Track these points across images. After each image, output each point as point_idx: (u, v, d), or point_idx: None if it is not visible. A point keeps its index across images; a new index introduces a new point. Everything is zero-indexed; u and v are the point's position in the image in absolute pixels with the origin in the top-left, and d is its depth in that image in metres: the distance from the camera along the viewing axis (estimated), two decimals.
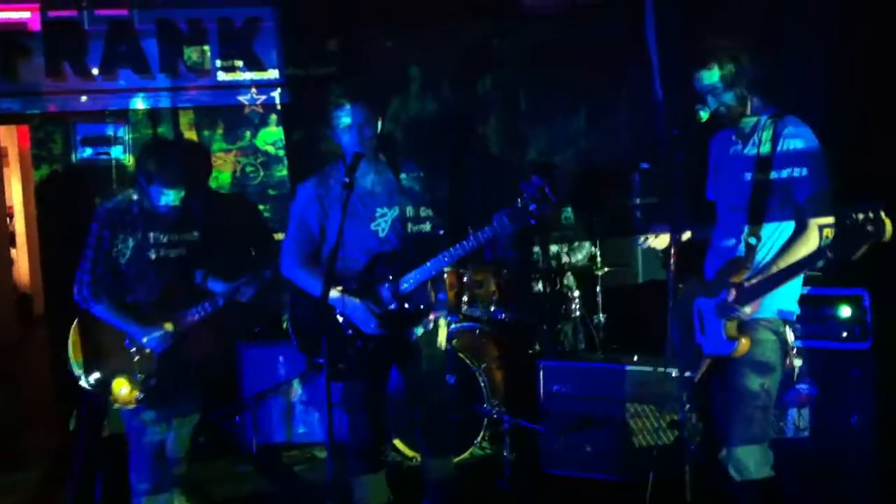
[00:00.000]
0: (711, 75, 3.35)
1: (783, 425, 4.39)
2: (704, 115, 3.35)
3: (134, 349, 4.05)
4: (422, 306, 3.92)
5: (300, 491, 5.12)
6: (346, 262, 3.87)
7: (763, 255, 3.36)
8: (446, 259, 3.77)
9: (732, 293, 3.31)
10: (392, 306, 3.84)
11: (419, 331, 4.01)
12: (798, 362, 3.35)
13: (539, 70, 6.54)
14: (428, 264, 3.79)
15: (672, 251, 3.28)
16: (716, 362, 3.46)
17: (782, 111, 3.41)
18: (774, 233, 3.37)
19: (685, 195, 3.61)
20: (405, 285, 3.82)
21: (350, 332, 3.89)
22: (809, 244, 3.23)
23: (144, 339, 4.03)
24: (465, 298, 5.60)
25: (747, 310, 3.30)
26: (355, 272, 3.91)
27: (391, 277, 3.83)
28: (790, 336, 3.38)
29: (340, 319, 3.89)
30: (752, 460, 3.34)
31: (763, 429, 3.37)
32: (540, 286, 5.49)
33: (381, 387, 4.13)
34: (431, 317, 4.02)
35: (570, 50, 6.38)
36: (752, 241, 3.36)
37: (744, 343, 3.33)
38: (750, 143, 3.43)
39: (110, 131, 6.24)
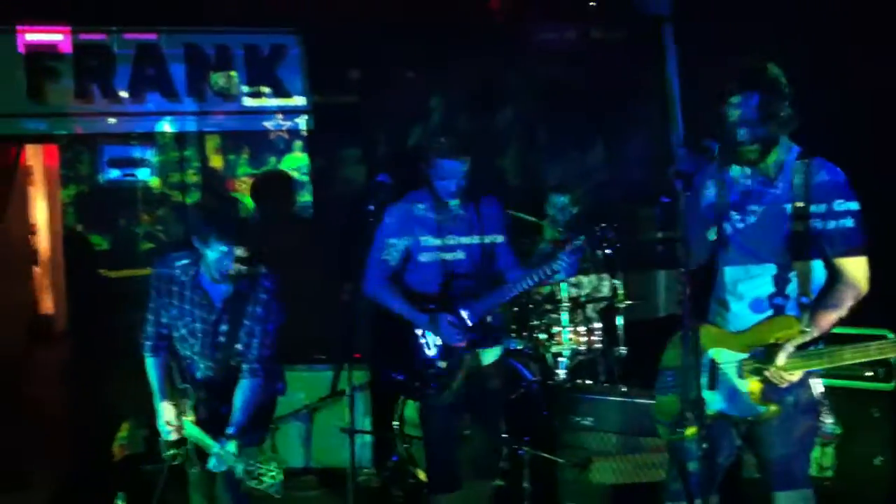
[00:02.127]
0: (750, 102, 3.06)
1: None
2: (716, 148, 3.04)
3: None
4: (495, 332, 4.16)
5: None
6: (424, 285, 4.10)
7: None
8: (516, 288, 4.00)
9: (782, 357, 3.02)
10: (470, 326, 4.04)
11: (488, 358, 4.16)
12: (828, 419, 3.25)
13: (558, 105, 6.59)
14: (501, 290, 4.04)
15: (687, 291, 2.96)
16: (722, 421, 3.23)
17: (807, 152, 3.17)
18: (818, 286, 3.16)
19: (697, 233, 3.31)
20: (480, 309, 4.05)
21: (430, 352, 4.08)
22: (852, 301, 3.08)
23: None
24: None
25: (793, 376, 3.05)
26: (433, 294, 4.10)
27: (469, 300, 4.04)
28: (820, 387, 3.23)
29: (423, 340, 4.09)
30: None
31: (808, 472, 3.27)
32: (564, 317, 5.49)
33: (457, 406, 4.21)
34: (501, 342, 4.23)
35: (588, 85, 6.43)
36: (805, 300, 3.10)
37: (772, 409, 3.10)
38: (777, 186, 3.15)
39: (137, 153, 6.31)
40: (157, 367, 3.81)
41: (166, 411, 3.75)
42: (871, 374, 4.27)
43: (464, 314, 4.06)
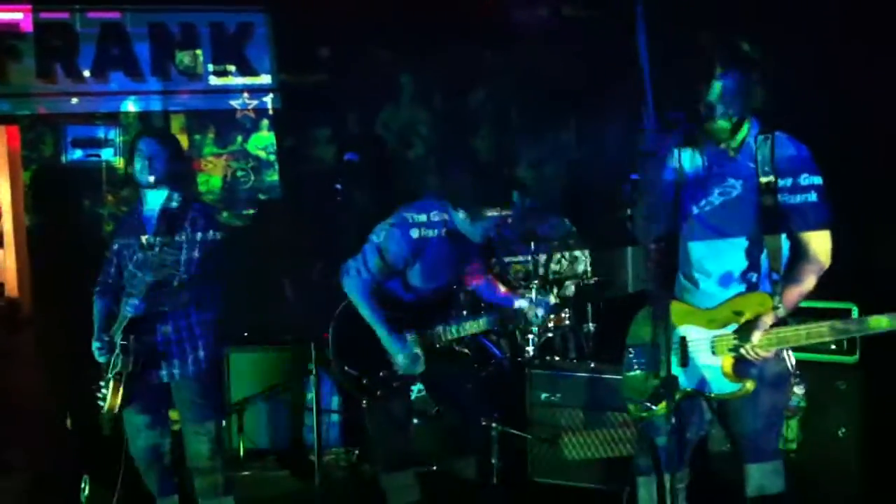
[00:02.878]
0: (726, 81, 3.04)
1: None
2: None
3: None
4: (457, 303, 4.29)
5: (286, 496, 5.09)
6: (417, 295, 4.15)
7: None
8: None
9: (757, 334, 3.02)
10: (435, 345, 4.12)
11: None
12: (799, 390, 3.25)
13: (530, 84, 6.56)
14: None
15: (653, 266, 3.00)
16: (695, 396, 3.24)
17: (769, 127, 3.16)
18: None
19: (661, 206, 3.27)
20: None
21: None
22: (815, 277, 3.08)
23: None
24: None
25: (768, 353, 3.05)
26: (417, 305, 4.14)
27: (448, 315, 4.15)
28: (792, 360, 3.22)
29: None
30: (771, 476, 3.21)
31: (778, 444, 3.26)
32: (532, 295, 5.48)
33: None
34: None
35: (560, 64, 6.40)
36: (776, 276, 3.07)
37: (748, 386, 3.09)
38: (741, 163, 3.15)
39: (101, 134, 6.23)
40: (100, 308, 4.07)
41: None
42: (834, 346, 4.30)
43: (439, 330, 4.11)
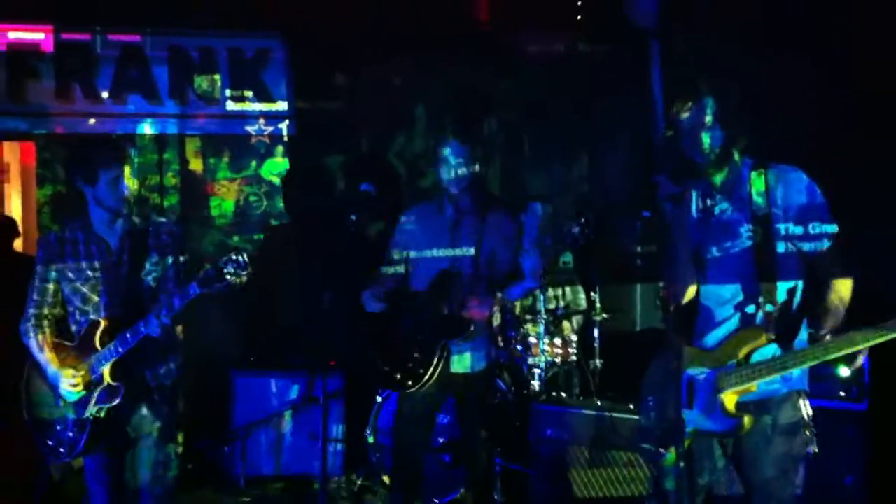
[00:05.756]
0: (703, 109, 3.05)
1: None
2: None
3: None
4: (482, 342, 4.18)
5: None
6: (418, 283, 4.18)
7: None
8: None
9: (749, 369, 2.99)
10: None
11: (473, 365, 4.16)
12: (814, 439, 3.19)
13: (542, 115, 6.59)
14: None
15: (671, 308, 3.06)
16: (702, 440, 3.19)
17: (763, 161, 3.15)
18: (790, 296, 3.11)
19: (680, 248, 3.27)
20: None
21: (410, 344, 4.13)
22: (840, 307, 3.01)
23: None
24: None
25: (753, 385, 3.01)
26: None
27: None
28: (807, 409, 3.17)
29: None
30: None
31: (793, 492, 3.18)
32: (540, 329, 5.48)
33: (428, 414, 4.31)
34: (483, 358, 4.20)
35: (573, 95, 6.43)
36: (770, 308, 3.06)
37: (746, 422, 3.05)
38: (735, 197, 3.13)
39: None
40: (44, 343, 3.68)
41: (66, 377, 3.60)
42: (843, 393, 4.27)
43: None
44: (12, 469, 4.86)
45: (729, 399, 3.07)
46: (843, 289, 3.05)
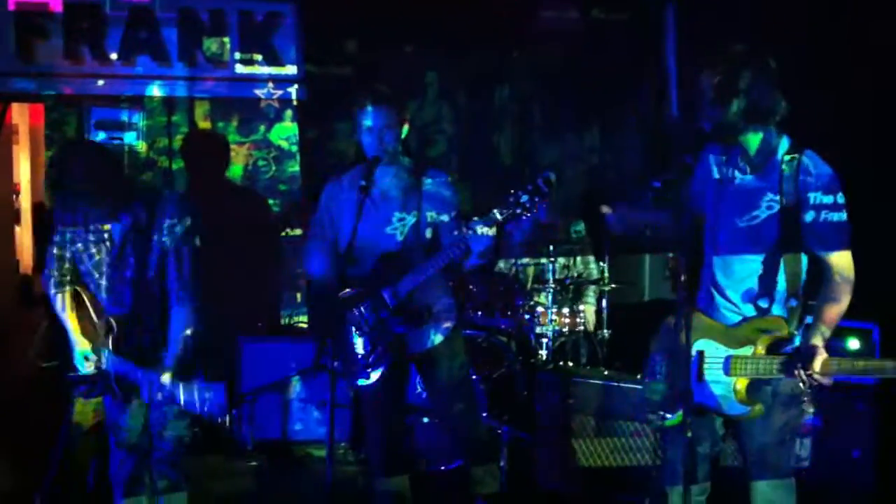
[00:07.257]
0: (738, 76, 2.98)
1: None
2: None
3: None
4: (426, 310, 3.85)
5: (295, 488, 5.10)
6: (360, 264, 3.80)
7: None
8: (441, 260, 3.64)
9: (818, 360, 2.90)
10: (392, 308, 3.74)
11: (437, 339, 3.92)
12: (810, 410, 3.19)
13: (553, 86, 6.53)
14: (424, 265, 3.69)
15: (681, 276, 2.97)
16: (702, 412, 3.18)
17: (799, 146, 3.09)
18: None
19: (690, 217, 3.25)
20: (403, 288, 3.72)
21: (359, 334, 3.83)
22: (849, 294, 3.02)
23: None
24: (469, 305, 5.58)
25: (825, 380, 2.94)
26: (366, 274, 3.84)
27: (394, 280, 3.73)
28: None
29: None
30: (781, 493, 3.16)
31: (790, 462, 3.22)
32: (548, 298, 5.46)
33: (395, 389, 4.00)
34: (447, 324, 3.93)
35: (584, 66, 6.38)
36: (794, 303, 3.07)
37: (757, 409, 3.06)
38: (766, 179, 3.09)
39: (125, 117, 6.24)
40: (67, 301, 3.63)
41: (82, 345, 3.59)
42: None
43: (386, 296, 3.73)
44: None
45: (740, 384, 3.05)
46: (848, 258, 3.03)
